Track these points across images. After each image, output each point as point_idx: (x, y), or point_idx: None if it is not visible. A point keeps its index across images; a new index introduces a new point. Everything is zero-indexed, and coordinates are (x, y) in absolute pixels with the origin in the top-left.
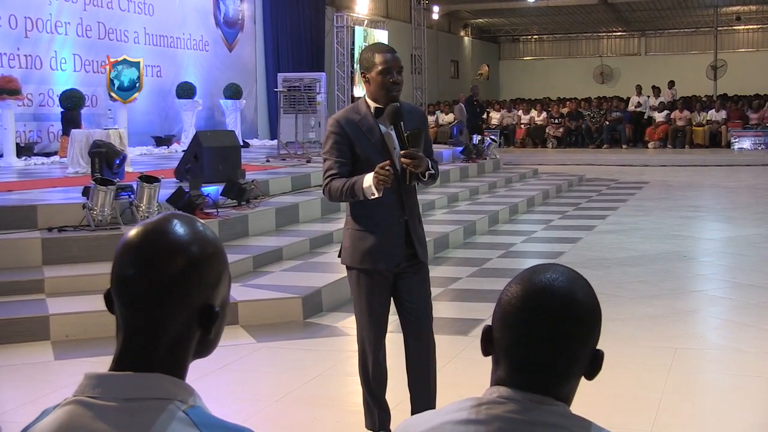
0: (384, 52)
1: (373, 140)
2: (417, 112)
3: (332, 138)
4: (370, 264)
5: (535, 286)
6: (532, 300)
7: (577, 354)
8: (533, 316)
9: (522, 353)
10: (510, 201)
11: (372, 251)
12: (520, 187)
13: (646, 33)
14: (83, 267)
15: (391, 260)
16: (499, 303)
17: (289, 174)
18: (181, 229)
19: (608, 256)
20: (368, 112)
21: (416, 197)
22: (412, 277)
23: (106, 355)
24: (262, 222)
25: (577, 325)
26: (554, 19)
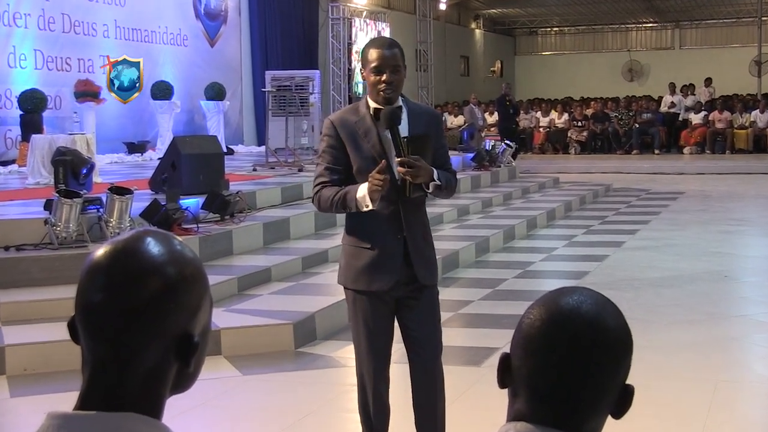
0: (378, 47)
1: (369, 145)
2: (427, 116)
3: (325, 141)
4: (364, 285)
5: (561, 309)
6: (558, 324)
7: (606, 386)
8: (558, 342)
9: (544, 383)
10: (527, 214)
11: (366, 270)
12: (538, 198)
13: (680, 24)
14: (44, 291)
15: (385, 282)
16: (519, 328)
17: (278, 184)
18: (155, 248)
19: (639, 276)
20: (367, 113)
21: (422, 212)
22: (414, 302)
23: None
24: (248, 239)
25: (606, 353)
26: (577, 9)
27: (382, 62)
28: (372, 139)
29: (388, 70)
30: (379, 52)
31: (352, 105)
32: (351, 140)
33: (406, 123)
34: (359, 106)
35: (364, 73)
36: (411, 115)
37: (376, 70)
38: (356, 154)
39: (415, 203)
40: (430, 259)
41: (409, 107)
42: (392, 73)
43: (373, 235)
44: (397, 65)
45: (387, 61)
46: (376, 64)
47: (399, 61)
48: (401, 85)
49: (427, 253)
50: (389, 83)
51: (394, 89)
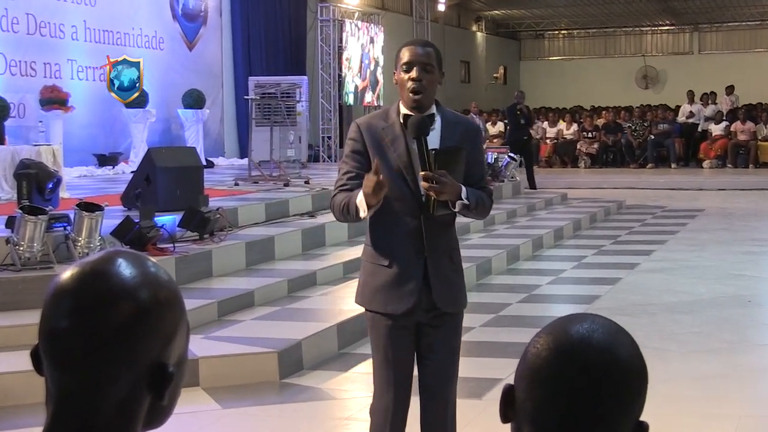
0: (411, 44)
1: (395, 155)
2: (463, 127)
3: (349, 145)
4: (380, 306)
5: (570, 338)
6: (566, 354)
7: (618, 422)
8: (567, 374)
9: (551, 418)
10: (533, 233)
11: (382, 290)
12: (545, 215)
13: (699, 27)
14: (5, 316)
15: (402, 304)
16: (524, 358)
17: (262, 200)
18: (127, 270)
19: (654, 301)
20: (397, 119)
21: (450, 231)
22: (433, 330)
23: (33, 426)
24: (229, 259)
25: (619, 386)
26: (587, 10)
27: (413, 58)
28: (399, 148)
29: (418, 66)
30: (411, 49)
31: (383, 109)
32: (376, 147)
33: (439, 134)
34: (390, 111)
35: (395, 77)
36: (445, 126)
37: (406, 67)
38: (381, 163)
39: (442, 221)
40: (455, 284)
41: (444, 117)
42: (422, 71)
43: (393, 253)
44: (430, 64)
45: (418, 57)
46: (406, 60)
47: (432, 61)
48: (433, 88)
49: (452, 277)
50: (418, 81)
51: (423, 89)
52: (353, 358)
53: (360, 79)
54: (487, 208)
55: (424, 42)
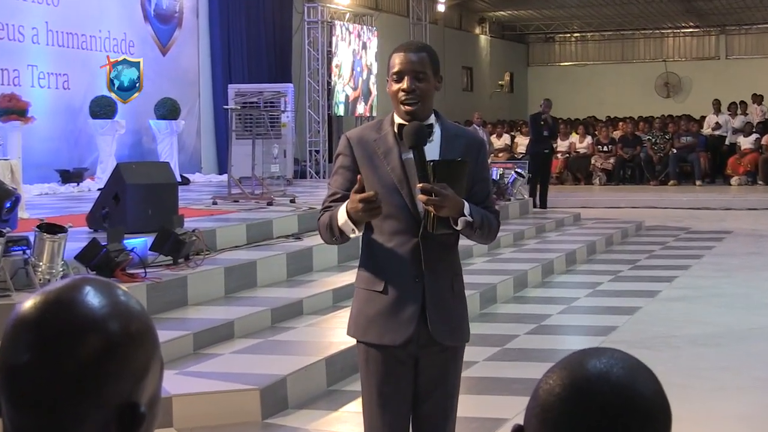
0: (402, 50)
1: (389, 168)
2: (466, 140)
3: (338, 160)
4: (375, 337)
5: (586, 373)
6: (582, 392)
7: None
8: (583, 413)
9: None
10: (543, 257)
11: (377, 319)
12: (556, 238)
13: (726, 29)
14: None
15: (399, 334)
16: (535, 395)
17: (243, 221)
18: (95, 299)
19: (677, 333)
20: (391, 130)
21: (452, 254)
22: (430, 366)
23: None
24: (207, 286)
25: (640, 427)
26: (602, 11)
27: (404, 67)
28: (392, 161)
29: (409, 75)
30: (401, 56)
31: (376, 120)
32: (368, 161)
33: (438, 147)
34: (383, 122)
35: (388, 87)
36: (445, 138)
37: (396, 76)
38: (373, 178)
39: (442, 242)
40: (456, 314)
41: (444, 128)
42: (415, 80)
43: (388, 276)
44: (422, 72)
45: (410, 65)
46: (396, 69)
47: (426, 68)
48: (428, 97)
49: (453, 305)
50: (410, 92)
51: (416, 99)
52: (343, 395)
53: (351, 88)
54: (493, 229)
55: (417, 46)
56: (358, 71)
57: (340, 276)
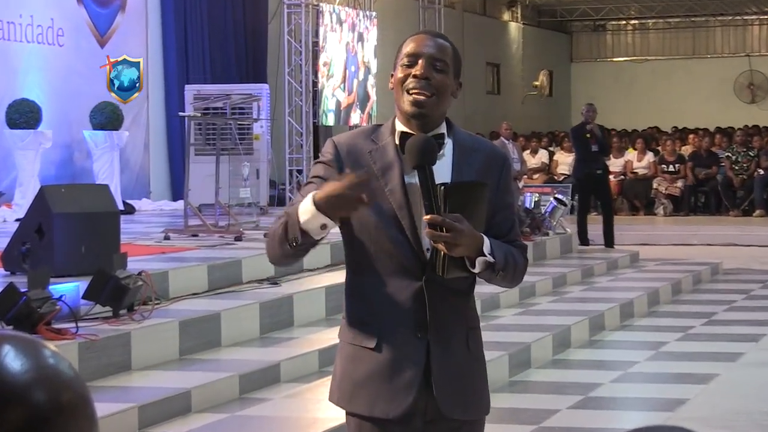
0: (419, 34)
1: (386, 190)
2: (484, 155)
3: (315, 168)
4: (363, 407)
5: None
6: None
7: None
8: None
9: None
10: (590, 309)
11: (367, 385)
12: (607, 284)
13: None
14: None
15: (392, 406)
16: None
17: (204, 261)
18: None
19: (764, 408)
20: (392, 140)
21: (466, 303)
22: None
23: None
24: (157, 346)
25: None
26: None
27: (421, 48)
28: (392, 181)
29: (426, 60)
30: (418, 38)
31: (372, 126)
32: None
33: (449, 164)
34: (381, 129)
35: (392, 79)
36: (459, 153)
37: (408, 60)
38: None
39: (454, 288)
40: (471, 380)
41: (458, 141)
42: (431, 68)
43: (381, 329)
44: (443, 60)
45: (429, 48)
46: (410, 50)
47: (447, 59)
48: (444, 96)
49: (467, 369)
50: (424, 79)
51: (429, 92)
52: None
53: (344, 91)
54: (519, 270)
55: (437, 33)
56: (353, 71)
57: (328, 332)
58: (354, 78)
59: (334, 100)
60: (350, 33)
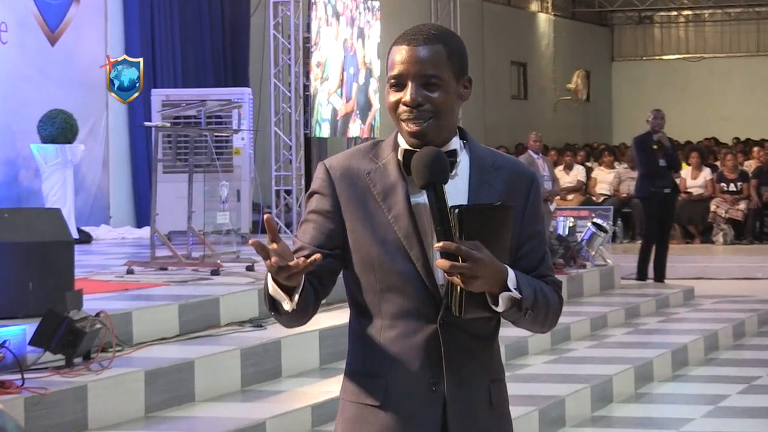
0: (403, 42)
1: (390, 217)
2: (507, 172)
3: (310, 202)
4: None
5: None
6: None
7: None
8: None
9: None
10: (636, 356)
11: None
12: (656, 326)
13: None
14: None
15: None
16: None
17: (174, 299)
18: None
19: None
20: (393, 157)
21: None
22: None
23: None
24: (119, 401)
25: None
26: None
27: (405, 67)
28: (396, 205)
29: (414, 81)
30: (402, 51)
31: (370, 144)
32: (358, 205)
33: (466, 183)
34: (382, 146)
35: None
36: (476, 170)
37: (395, 81)
38: (365, 231)
39: (474, 331)
40: None
41: (475, 155)
42: (422, 88)
43: (389, 382)
44: (435, 75)
45: (414, 65)
46: (395, 71)
47: (441, 69)
48: (447, 111)
49: (491, 426)
50: (415, 107)
51: (426, 115)
52: None
53: (341, 97)
54: (552, 310)
55: (427, 34)
56: (352, 73)
57: (322, 384)
58: (353, 82)
59: (330, 108)
60: (349, 28)
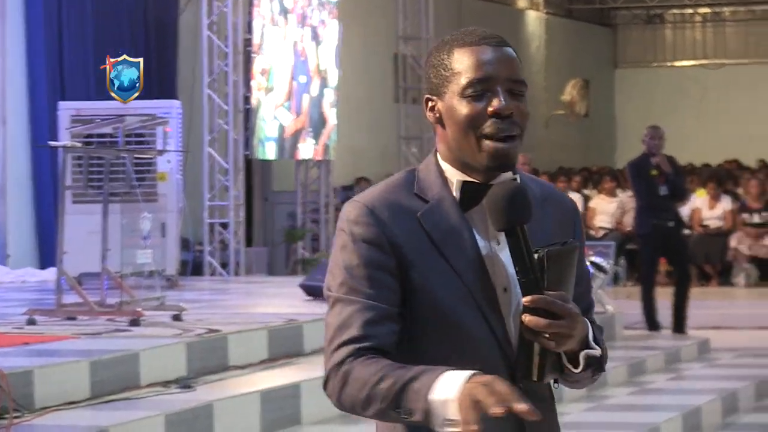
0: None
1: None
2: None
3: (355, 253)
4: None
5: None
6: None
7: None
8: None
9: None
10: (641, 420)
11: None
12: (665, 384)
13: None
14: None
15: None
16: None
17: (85, 355)
18: None
19: None
20: (447, 193)
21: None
22: None
23: None
24: None
25: None
26: None
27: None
28: (462, 252)
29: (502, 87)
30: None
31: (403, 175)
32: (416, 254)
33: None
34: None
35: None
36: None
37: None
38: (427, 284)
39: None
40: None
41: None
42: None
43: None
44: (521, 81)
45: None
46: (481, 74)
47: (522, 73)
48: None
49: None
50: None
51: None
52: None
53: (289, 111)
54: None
55: (499, 38)
56: (303, 82)
57: None
58: (304, 93)
59: (276, 125)
60: (299, 28)
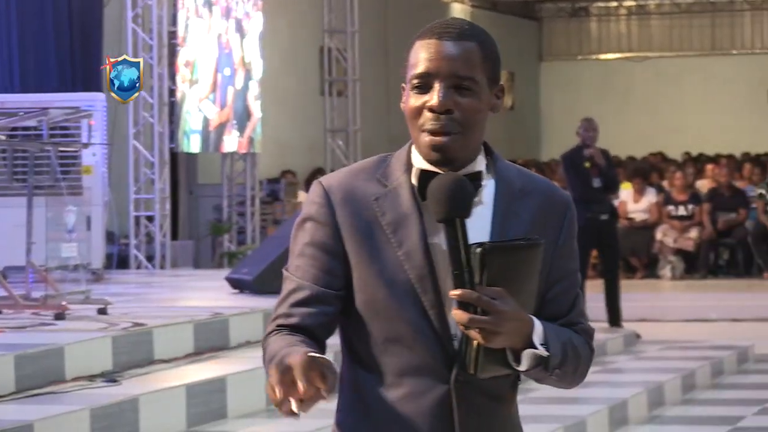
0: (432, 36)
1: (400, 253)
2: (540, 197)
3: (303, 229)
4: None
5: None
6: None
7: None
8: None
9: None
10: (566, 413)
11: None
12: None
13: None
14: None
15: None
16: None
17: (9, 349)
18: None
19: None
20: (406, 180)
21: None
22: None
23: None
24: None
25: None
26: None
27: (435, 64)
28: (408, 239)
29: (444, 81)
30: (431, 46)
31: (376, 160)
32: (363, 238)
33: (490, 211)
34: (392, 163)
35: (403, 99)
36: (503, 197)
37: (419, 82)
38: (371, 269)
39: (492, 392)
40: None
41: (502, 177)
42: (452, 92)
43: None
44: (470, 78)
45: (446, 62)
46: (421, 69)
47: (475, 70)
48: (477, 125)
49: None
50: (444, 113)
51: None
52: None
53: (214, 103)
54: (584, 364)
55: (459, 28)
56: (227, 75)
57: None
58: (229, 85)
59: (200, 117)
60: (224, 20)
